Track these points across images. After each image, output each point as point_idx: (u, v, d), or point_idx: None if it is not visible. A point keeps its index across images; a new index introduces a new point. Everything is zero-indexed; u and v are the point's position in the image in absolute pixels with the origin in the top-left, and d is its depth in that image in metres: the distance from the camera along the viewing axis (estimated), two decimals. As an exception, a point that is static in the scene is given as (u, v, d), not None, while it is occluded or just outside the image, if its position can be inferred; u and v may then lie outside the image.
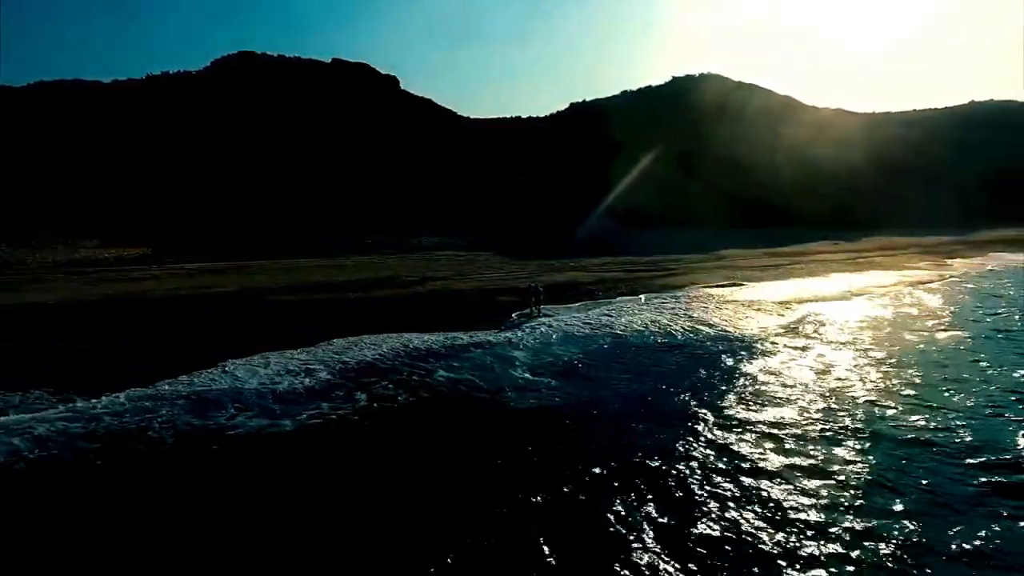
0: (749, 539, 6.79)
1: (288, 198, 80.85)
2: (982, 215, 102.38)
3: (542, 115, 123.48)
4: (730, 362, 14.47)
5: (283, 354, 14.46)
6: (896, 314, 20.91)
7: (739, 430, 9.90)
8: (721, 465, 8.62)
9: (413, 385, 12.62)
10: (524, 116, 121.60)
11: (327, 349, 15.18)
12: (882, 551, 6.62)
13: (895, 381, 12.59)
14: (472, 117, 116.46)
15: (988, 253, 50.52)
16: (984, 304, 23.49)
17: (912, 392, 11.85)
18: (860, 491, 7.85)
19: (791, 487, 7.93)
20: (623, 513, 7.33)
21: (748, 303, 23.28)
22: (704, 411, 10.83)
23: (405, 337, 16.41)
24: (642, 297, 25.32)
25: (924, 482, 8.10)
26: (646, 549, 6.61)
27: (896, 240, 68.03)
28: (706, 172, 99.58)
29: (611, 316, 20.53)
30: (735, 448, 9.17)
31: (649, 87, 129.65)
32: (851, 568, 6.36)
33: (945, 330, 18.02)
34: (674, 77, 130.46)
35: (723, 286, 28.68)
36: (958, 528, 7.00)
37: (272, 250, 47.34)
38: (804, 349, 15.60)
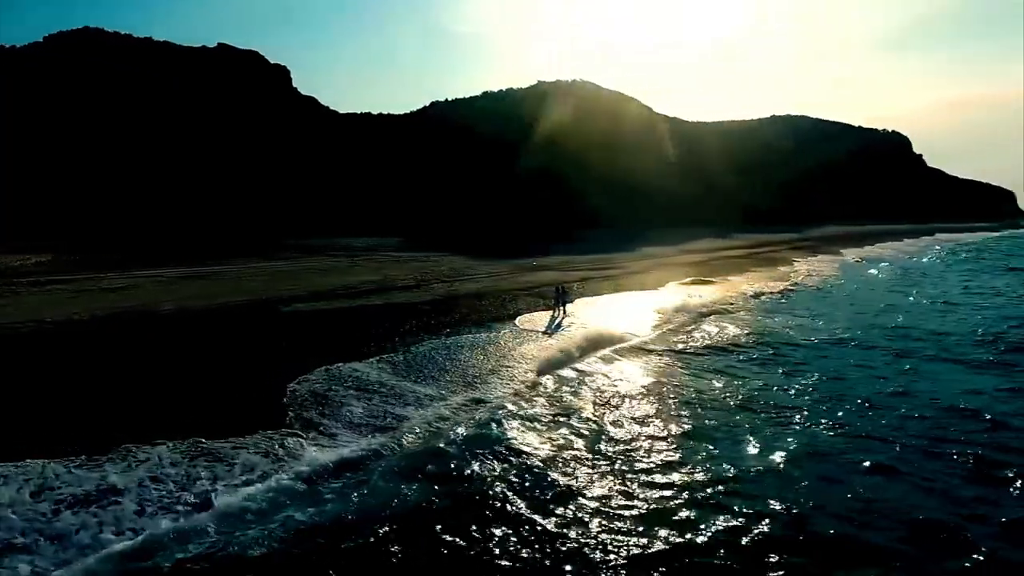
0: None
1: (168, 197, 72.95)
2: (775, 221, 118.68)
3: (401, 112, 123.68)
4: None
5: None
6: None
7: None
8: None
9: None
10: (390, 112, 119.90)
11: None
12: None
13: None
14: (359, 112, 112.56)
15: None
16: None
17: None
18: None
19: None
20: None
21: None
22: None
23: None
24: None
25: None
26: None
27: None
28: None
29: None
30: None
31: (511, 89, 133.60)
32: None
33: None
34: (539, 81, 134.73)
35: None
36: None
37: (169, 256, 42.75)
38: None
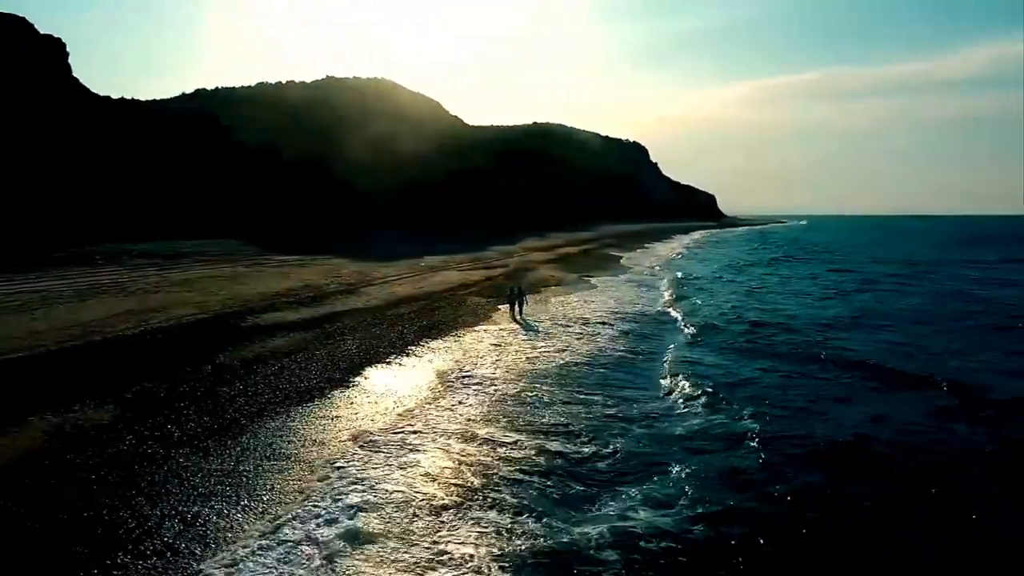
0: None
1: None
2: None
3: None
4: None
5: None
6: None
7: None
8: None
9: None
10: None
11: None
12: None
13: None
14: (129, 98, 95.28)
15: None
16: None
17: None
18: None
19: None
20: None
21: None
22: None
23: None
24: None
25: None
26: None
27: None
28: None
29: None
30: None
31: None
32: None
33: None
34: (328, 76, 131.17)
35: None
36: None
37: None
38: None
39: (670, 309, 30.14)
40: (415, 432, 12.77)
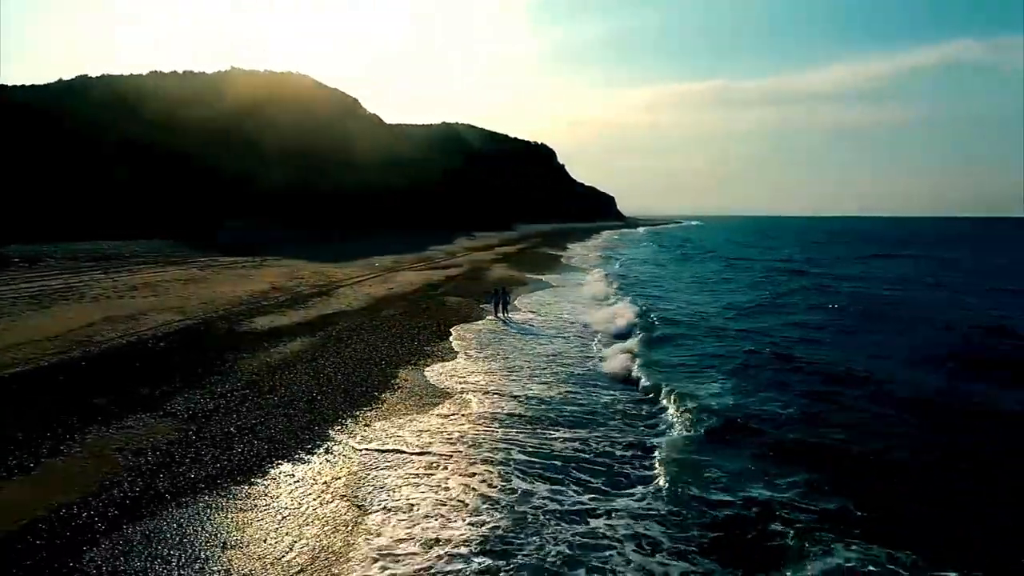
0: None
1: None
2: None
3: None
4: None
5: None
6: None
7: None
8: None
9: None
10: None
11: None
12: None
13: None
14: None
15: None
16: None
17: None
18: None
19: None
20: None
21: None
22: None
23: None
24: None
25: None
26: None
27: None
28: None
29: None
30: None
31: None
32: None
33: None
34: (233, 67, 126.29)
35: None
36: None
37: None
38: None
39: (631, 304, 31.35)
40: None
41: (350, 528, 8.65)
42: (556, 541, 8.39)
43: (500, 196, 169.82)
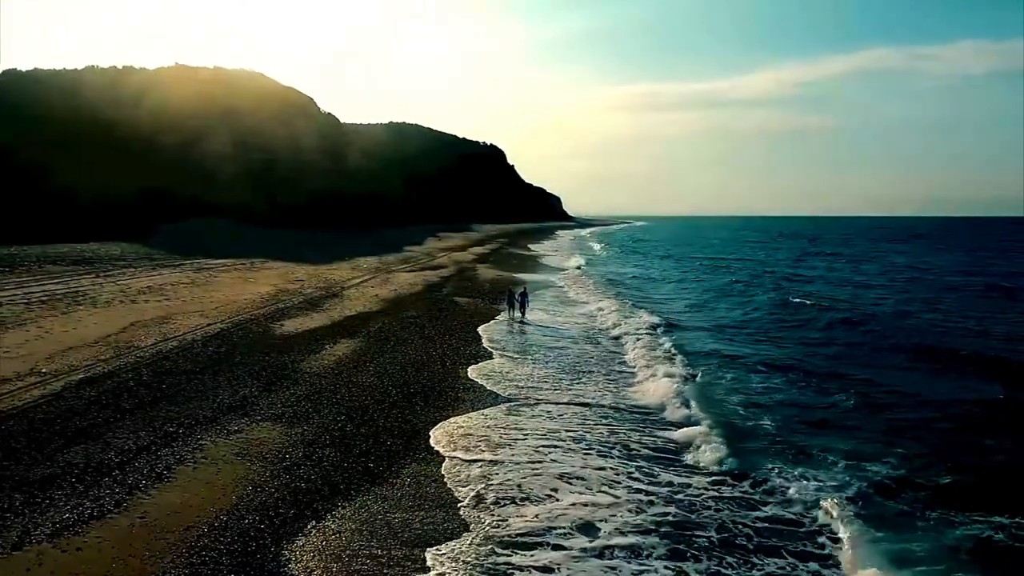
0: None
1: None
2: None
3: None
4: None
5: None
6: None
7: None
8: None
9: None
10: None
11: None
12: None
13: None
14: None
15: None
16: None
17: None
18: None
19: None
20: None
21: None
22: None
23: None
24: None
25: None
26: None
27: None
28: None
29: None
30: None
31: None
32: None
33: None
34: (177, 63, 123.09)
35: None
36: None
37: None
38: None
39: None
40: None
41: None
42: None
43: (456, 196, 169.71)
